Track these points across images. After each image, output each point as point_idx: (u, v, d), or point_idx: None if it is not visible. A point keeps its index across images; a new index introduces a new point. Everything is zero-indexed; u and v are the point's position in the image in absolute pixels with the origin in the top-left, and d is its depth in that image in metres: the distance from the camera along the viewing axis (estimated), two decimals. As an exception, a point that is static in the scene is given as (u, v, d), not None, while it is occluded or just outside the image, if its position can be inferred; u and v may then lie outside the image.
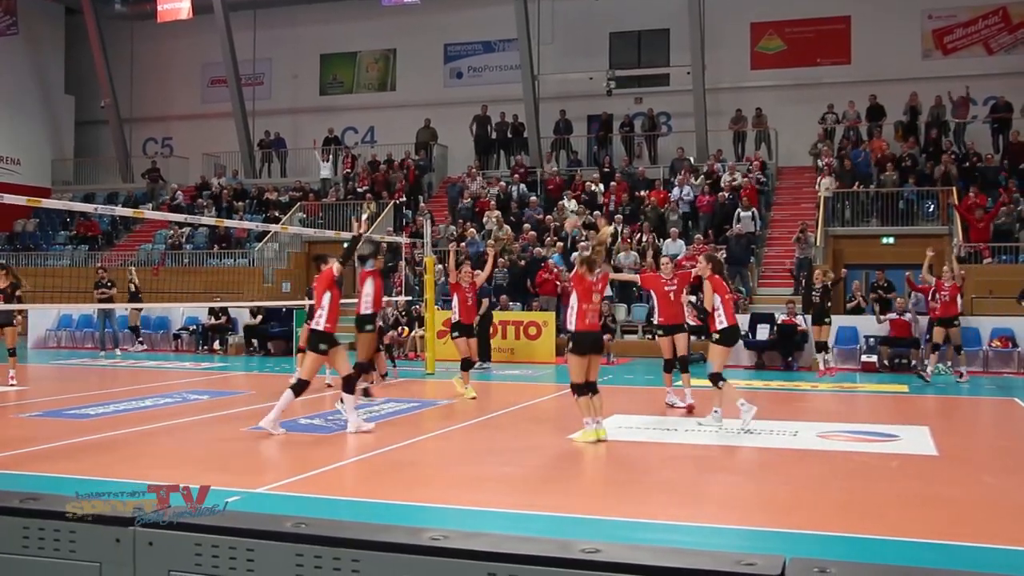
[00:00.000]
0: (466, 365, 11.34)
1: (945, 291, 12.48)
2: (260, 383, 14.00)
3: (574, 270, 8.03)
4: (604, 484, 6.71)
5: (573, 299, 7.86)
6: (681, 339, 10.09)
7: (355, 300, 10.94)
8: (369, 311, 9.54)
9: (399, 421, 9.53)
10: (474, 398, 10.90)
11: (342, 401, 8.64)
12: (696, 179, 21.41)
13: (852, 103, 22.54)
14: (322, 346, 8.24)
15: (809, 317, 14.42)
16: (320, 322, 8.31)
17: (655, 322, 10.17)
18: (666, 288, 9.97)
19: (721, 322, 8.79)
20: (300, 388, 8.27)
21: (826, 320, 14.02)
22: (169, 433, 8.73)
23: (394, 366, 13.55)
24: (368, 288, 9.52)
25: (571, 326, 7.84)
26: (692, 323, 10.26)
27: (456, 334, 11.54)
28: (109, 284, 18.06)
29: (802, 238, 18.52)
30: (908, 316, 15.07)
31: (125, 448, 7.87)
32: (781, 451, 7.85)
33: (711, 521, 5.50)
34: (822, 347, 14.10)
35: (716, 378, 8.88)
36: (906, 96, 21.97)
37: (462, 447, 8.25)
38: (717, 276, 8.92)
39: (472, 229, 20.80)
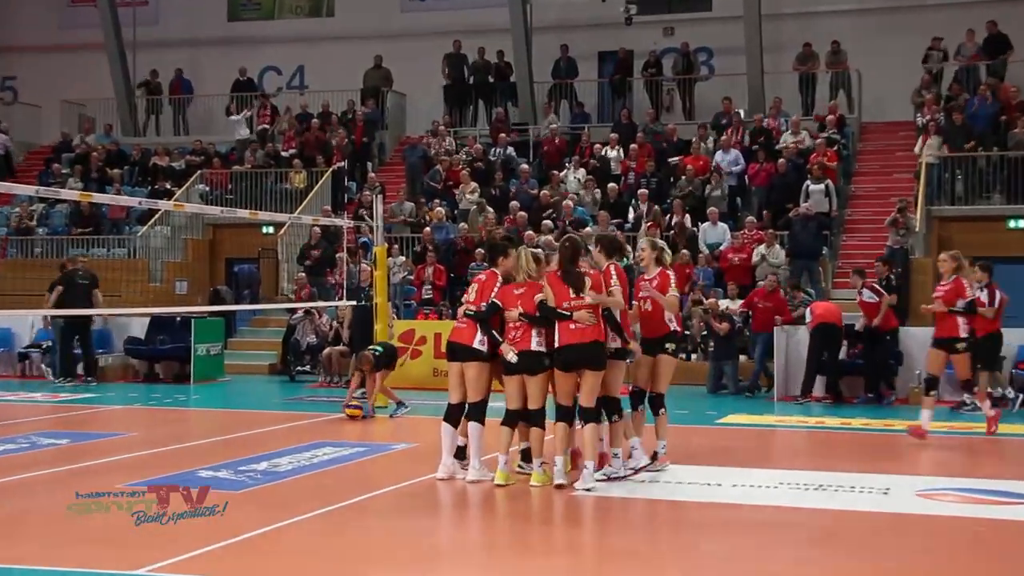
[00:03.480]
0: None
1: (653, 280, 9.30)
2: (143, 421, 13.89)
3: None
4: (621, 558, 6.70)
5: None
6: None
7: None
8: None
9: (338, 473, 9.44)
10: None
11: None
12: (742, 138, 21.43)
13: (971, 32, 22.50)
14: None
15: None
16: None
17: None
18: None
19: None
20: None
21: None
22: (12, 492, 8.62)
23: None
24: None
25: None
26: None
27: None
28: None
29: (900, 220, 18.50)
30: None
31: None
32: (866, 515, 7.86)
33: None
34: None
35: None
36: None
37: (424, 505, 8.20)
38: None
39: (440, 209, 20.76)
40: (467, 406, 8.83)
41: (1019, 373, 15.24)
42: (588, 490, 8.36)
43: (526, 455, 9.03)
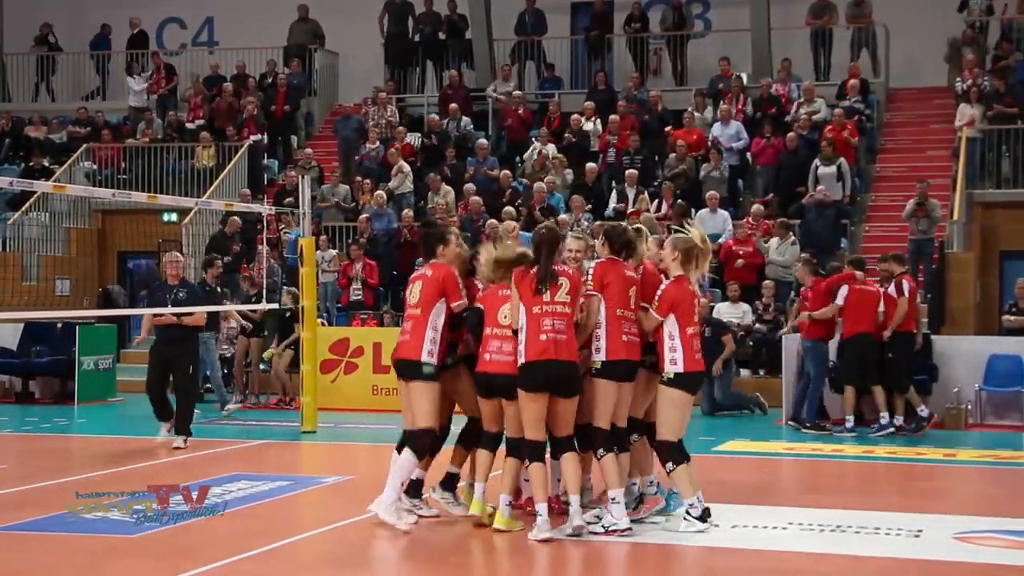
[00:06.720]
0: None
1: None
2: (15, 451, 13.74)
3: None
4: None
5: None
6: None
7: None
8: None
9: (254, 512, 9.40)
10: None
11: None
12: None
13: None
14: None
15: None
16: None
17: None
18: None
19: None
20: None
21: None
22: None
23: None
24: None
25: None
26: None
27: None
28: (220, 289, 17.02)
29: (918, 209, 18.55)
30: None
31: None
32: (893, 563, 7.91)
33: None
34: None
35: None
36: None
37: (359, 553, 8.15)
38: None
39: (380, 192, 20.69)
40: (406, 432, 8.76)
41: None
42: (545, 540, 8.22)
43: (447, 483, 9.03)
